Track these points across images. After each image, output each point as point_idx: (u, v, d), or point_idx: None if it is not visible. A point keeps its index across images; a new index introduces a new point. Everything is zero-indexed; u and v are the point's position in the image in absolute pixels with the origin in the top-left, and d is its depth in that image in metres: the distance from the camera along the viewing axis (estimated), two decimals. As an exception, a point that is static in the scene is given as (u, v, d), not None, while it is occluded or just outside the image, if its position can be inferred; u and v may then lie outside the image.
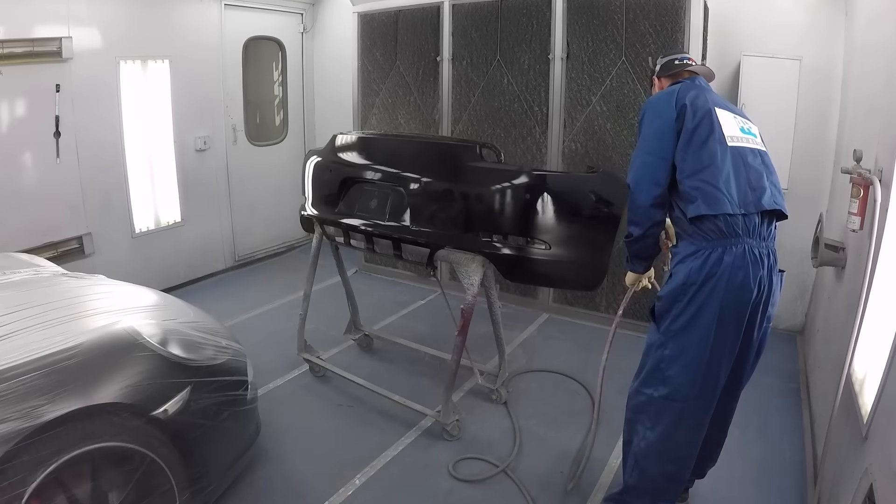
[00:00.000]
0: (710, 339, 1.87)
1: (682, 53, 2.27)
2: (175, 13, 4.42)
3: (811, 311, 3.74)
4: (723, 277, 1.83)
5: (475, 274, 2.61)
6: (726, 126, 1.94)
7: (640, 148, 2.03)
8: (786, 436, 2.83)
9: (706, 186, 1.86)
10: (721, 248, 1.84)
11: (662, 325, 1.96)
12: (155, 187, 4.50)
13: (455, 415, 2.81)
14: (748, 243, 1.85)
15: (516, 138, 4.15)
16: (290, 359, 3.44)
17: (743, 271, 1.82)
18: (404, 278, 4.95)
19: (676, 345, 1.92)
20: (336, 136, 3.23)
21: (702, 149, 1.90)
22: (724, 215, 1.83)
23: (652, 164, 1.97)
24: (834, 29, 3.53)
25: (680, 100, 1.97)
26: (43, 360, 1.74)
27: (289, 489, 2.46)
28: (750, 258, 1.83)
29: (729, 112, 2.00)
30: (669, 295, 1.92)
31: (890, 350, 1.58)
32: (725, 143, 1.91)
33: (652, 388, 2.00)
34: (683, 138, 1.93)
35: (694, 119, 1.93)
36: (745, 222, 1.85)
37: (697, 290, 1.86)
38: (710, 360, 1.89)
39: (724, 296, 1.83)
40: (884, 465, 1.45)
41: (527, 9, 3.96)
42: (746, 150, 1.94)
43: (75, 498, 1.74)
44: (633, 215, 2.03)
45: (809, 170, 3.65)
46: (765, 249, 1.87)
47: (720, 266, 1.83)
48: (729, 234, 1.84)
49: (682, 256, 1.93)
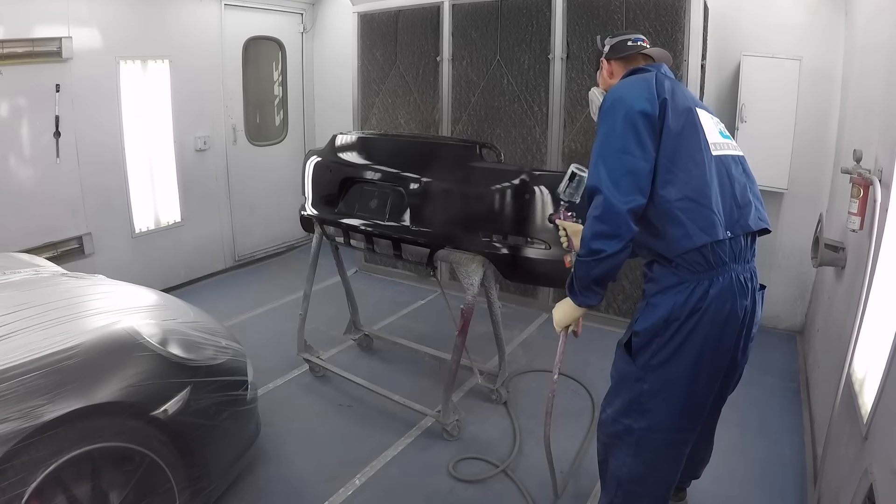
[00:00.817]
0: (693, 374, 1.70)
1: (634, 34, 1.96)
2: (175, 13, 4.42)
3: (811, 311, 3.74)
4: (708, 311, 1.64)
5: (475, 274, 2.61)
6: (708, 130, 1.71)
7: (613, 146, 1.66)
8: (786, 436, 2.83)
9: (696, 206, 1.63)
10: (707, 281, 1.64)
11: (640, 360, 1.75)
12: (155, 187, 4.50)
13: (455, 415, 2.81)
14: (735, 270, 1.66)
15: (516, 138, 4.15)
16: (290, 359, 3.44)
17: (730, 303, 1.65)
18: (404, 278, 4.95)
19: (656, 379, 1.73)
20: (336, 136, 3.23)
21: (691, 158, 1.66)
22: (712, 243, 1.63)
23: (635, 166, 1.63)
24: (834, 29, 3.53)
25: (660, 93, 1.68)
26: (43, 360, 1.73)
27: (289, 489, 2.46)
28: (737, 287, 1.66)
29: (705, 112, 1.77)
30: (649, 330, 1.71)
31: (890, 350, 1.58)
32: (710, 151, 1.68)
33: (631, 419, 1.81)
34: (667, 143, 1.66)
35: (677, 119, 1.67)
36: (732, 247, 1.66)
37: (680, 325, 1.66)
38: (693, 394, 1.74)
39: (709, 330, 1.66)
40: (884, 465, 1.45)
41: (527, 9, 3.96)
42: (729, 159, 1.73)
43: (75, 498, 1.74)
44: (606, 226, 1.63)
45: (809, 170, 3.65)
46: (748, 273, 1.70)
47: (706, 300, 1.64)
48: (716, 263, 1.64)
49: (661, 287, 1.70)
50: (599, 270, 1.69)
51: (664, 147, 1.66)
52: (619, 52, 1.92)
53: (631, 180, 1.63)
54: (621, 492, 1.91)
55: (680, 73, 3.48)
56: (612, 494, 1.94)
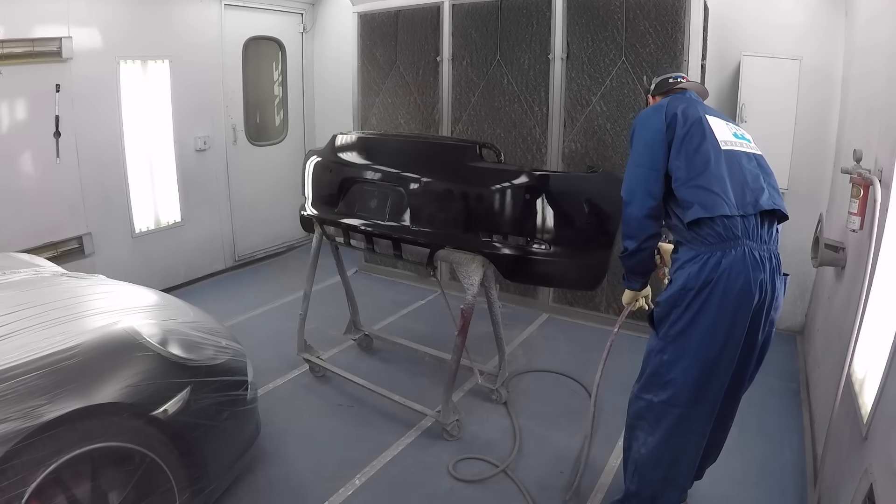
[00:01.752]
0: (709, 344, 1.84)
1: (676, 73, 2.30)
2: (175, 13, 4.42)
3: (811, 311, 3.74)
4: (721, 281, 1.79)
5: (475, 274, 2.61)
6: (719, 131, 1.94)
7: (632, 160, 2.02)
8: (786, 436, 2.83)
9: (701, 191, 1.85)
10: (720, 252, 1.81)
11: (661, 331, 1.94)
12: (155, 187, 4.50)
13: (455, 415, 2.81)
14: (748, 245, 1.81)
15: (516, 138, 4.15)
16: (290, 359, 3.44)
17: (743, 275, 1.79)
18: (404, 278, 4.95)
19: (675, 349, 1.90)
20: (336, 136, 3.23)
21: (695, 154, 1.89)
22: (721, 217, 1.81)
23: (644, 176, 1.96)
24: (834, 29, 3.53)
25: (670, 111, 1.97)
26: (43, 360, 1.74)
27: (289, 489, 2.46)
28: (750, 261, 1.79)
29: (721, 119, 2.01)
30: (668, 300, 1.90)
31: (890, 350, 1.58)
32: (719, 147, 1.90)
33: (651, 393, 1.97)
34: (675, 146, 1.93)
35: (684, 126, 1.93)
36: (745, 224, 1.82)
37: (696, 294, 1.83)
38: (709, 365, 1.86)
39: (723, 300, 1.80)
40: (884, 465, 1.45)
41: (527, 9, 3.96)
42: (741, 154, 1.93)
43: (75, 498, 1.74)
44: (627, 228, 2.00)
45: (809, 170, 3.65)
46: (766, 252, 1.83)
47: (718, 270, 1.80)
48: (727, 237, 1.81)
49: (681, 262, 1.90)
50: (630, 263, 2.07)
51: (675, 150, 1.93)
52: (661, 88, 2.25)
53: (643, 189, 1.95)
54: (636, 477, 2.02)
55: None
56: (629, 481, 2.08)
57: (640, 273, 2.11)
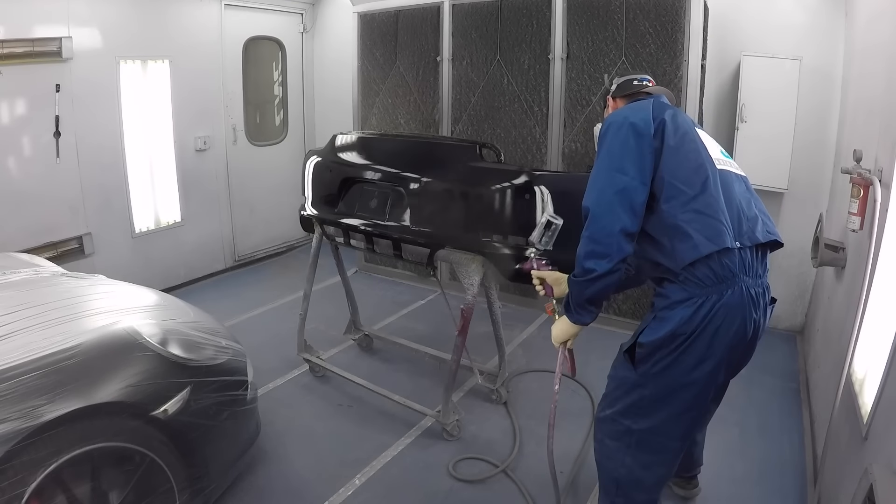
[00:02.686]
0: (696, 386, 1.71)
1: (641, 74, 2.06)
2: (175, 13, 4.42)
3: (811, 311, 3.74)
4: (712, 326, 1.62)
5: (475, 274, 2.61)
6: (710, 147, 1.74)
7: (609, 166, 1.69)
8: (786, 436, 2.83)
9: (703, 218, 1.61)
10: (716, 295, 1.62)
11: (640, 369, 1.75)
12: (155, 187, 4.50)
13: (455, 415, 2.81)
14: (745, 283, 1.63)
15: (516, 138, 4.15)
16: (290, 359, 3.44)
17: (739, 318, 1.63)
18: (404, 278, 4.95)
19: (658, 386, 1.73)
20: (336, 136, 3.23)
21: (690, 168, 1.66)
22: (718, 253, 1.60)
23: (627, 185, 1.64)
24: (834, 29, 3.53)
25: (657, 115, 1.71)
26: (43, 360, 1.73)
27: (289, 489, 2.46)
28: (748, 300, 1.64)
29: (705, 133, 1.82)
30: (654, 343, 1.69)
31: (890, 350, 1.58)
32: (714, 164, 1.70)
33: (631, 420, 1.81)
34: (668, 159, 1.67)
35: (676, 135, 1.68)
36: (742, 258, 1.63)
37: (686, 339, 1.64)
38: (693, 400, 1.74)
39: (714, 342, 1.64)
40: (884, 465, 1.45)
41: (527, 9, 3.96)
42: (731, 175, 1.74)
43: (75, 498, 1.74)
44: (597, 246, 1.66)
45: (809, 170, 3.65)
46: (760, 288, 1.68)
47: (714, 315, 1.61)
48: (724, 277, 1.61)
49: (670, 302, 1.66)
50: (592, 290, 1.71)
51: (665, 163, 1.67)
52: (624, 90, 2.00)
53: (623, 200, 1.64)
54: (622, 493, 1.91)
55: (680, 74, 3.49)
56: (612, 495, 1.94)
57: (598, 302, 1.78)
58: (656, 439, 1.79)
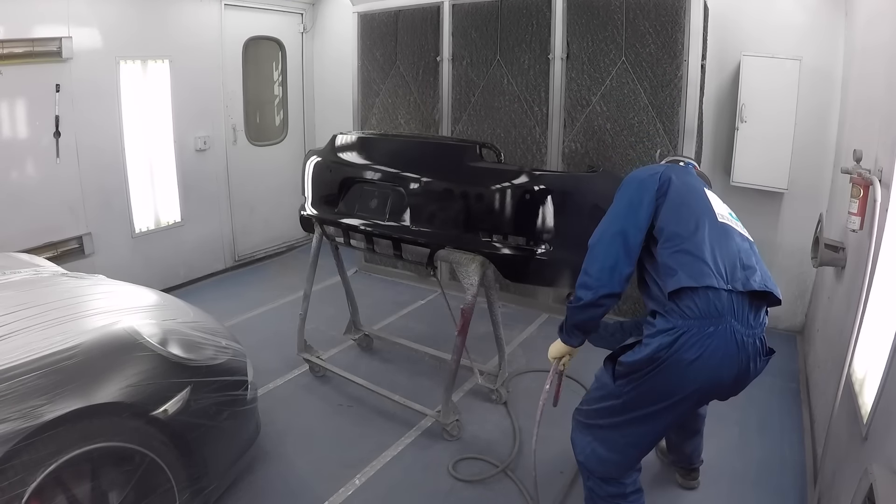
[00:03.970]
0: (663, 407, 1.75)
1: (689, 158, 2.25)
2: (175, 13, 4.42)
3: (811, 311, 3.74)
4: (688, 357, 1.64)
5: (475, 274, 2.61)
6: (716, 205, 1.84)
7: (614, 213, 1.87)
8: (786, 436, 2.83)
9: (688, 257, 1.68)
10: (697, 328, 1.63)
11: (618, 383, 1.81)
12: (155, 187, 4.50)
13: (455, 415, 2.81)
14: (732, 326, 1.64)
15: (516, 138, 4.15)
16: (290, 359, 3.44)
17: (717, 358, 1.64)
18: (404, 278, 4.95)
19: (629, 401, 1.80)
20: (336, 136, 3.23)
21: (688, 217, 1.76)
22: (705, 289, 1.63)
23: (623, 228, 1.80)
24: (834, 29, 3.53)
25: (665, 175, 1.85)
26: (43, 360, 1.73)
27: (289, 489, 2.46)
28: (731, 344, 1.64)
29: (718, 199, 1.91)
30: (632, 365, 1.74)
31: (890, 350, 1.58)
32: (715, 217, 1.78)
33: (602, 418, 1.91)
34: (666, 207, 1.79)
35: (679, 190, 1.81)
36: (731, 301, 1.64)
37: (659, 365, 1.68)
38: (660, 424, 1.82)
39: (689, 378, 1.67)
40: (884, 465, 1.45)
41: (527, 9, 3.95)
42: (735, 231, 1.80)
43: (75, 498, 1.74)
44: (588, 278, 1.81)
45: (809, 170, 3.65)
46: (750, 337, 1.66)
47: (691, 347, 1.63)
48: (710, 313, 1.63)
49: (656, 330, 1.71)
50: (579, 317, 1.89)
51: (665, 213, 1.80)
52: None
53: (619, 241, 1.80)
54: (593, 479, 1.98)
55: (680, 74, 3.49)
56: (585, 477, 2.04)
57: (584, 330, 1.95)
58: (618, 441, 1.88)
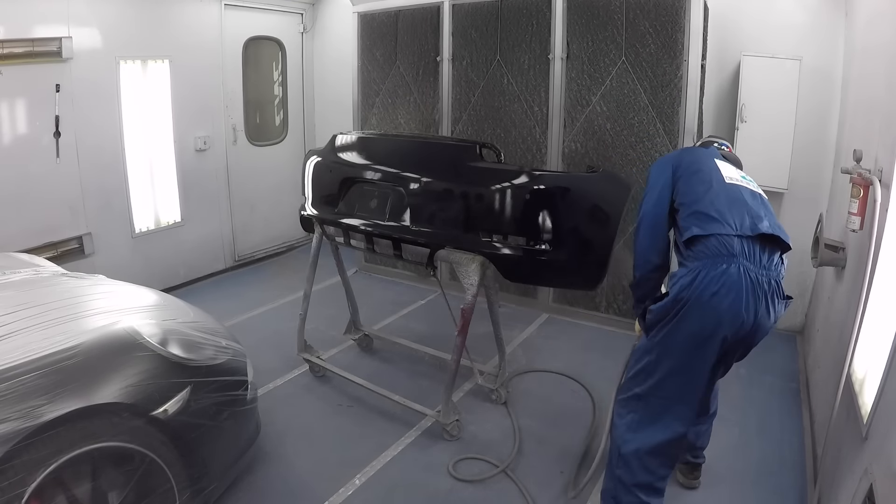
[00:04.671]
0: (693, 350, 1.91)
1: (721, 139, 2.43)
2: (175, 13, 4.42)
3: (811, 311, 3.74)
4: (707, 292, 1.85)
5: (475, 274, 2.61)
6: (725, 170, 2.08)
7: (646, 198, 2.15)
8: (786, 436, 2.83)
9: (699, 214, 1.96)
10: (710, 266, 1.87)
11: (651, 335, 2.02)
12: (155, 187, 4.50)
13: (455, 415, 2.80)
14: (744, 265, 1.86)
15: (516, 138, 4.15)
16: (290, 359, 3.44)
17: (734, 292, 1.84)
18: (404, 278, 4.95)
19: (662, 351, 1.98)
20: (336, 136, 3.23)
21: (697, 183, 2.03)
22: (716, 235, 1.89)
23: (648, 211, 2.10)
24: (834, 29, 3.53)
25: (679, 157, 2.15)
26: (43, 360, 1.73)
27: (289, 489, 2.46)
28: (745, 280, 1.84)
29: (731, 165, 2.14)
30: (660, 309, 1.97)
31: (890, 350, 1.58)
32: (723, 180, 2.03)
33: (638, 386, 2.06)
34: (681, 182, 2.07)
35: (689, 166, 2.09)
36: (742, 244, 1.88)
37: (684, 304, 1.89)
38: (693, 368, 1.94)
39: (709, 312, 1.86)
40: (884, 465, 1.45)
41: (527, 9, 3.96)
42: (744, 188, 2.04)
43: (75, 498, 1.74)
44: (636, 260, 2.15)
45: (809, 170, 3.65)
46: (764, 276, 1.88)
47: (708, 281, 1.85)
48: (721, 252, 1.87)
49: (677, 278, 1.97)
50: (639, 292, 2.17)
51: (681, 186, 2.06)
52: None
53: (648, 224, 2.10)
54: (622, 462, 2.06)
55: (680, 74, 3.49)
56: (614, 466, 2.11)
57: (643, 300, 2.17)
58: (656, 400, 2.01)
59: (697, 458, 2.43)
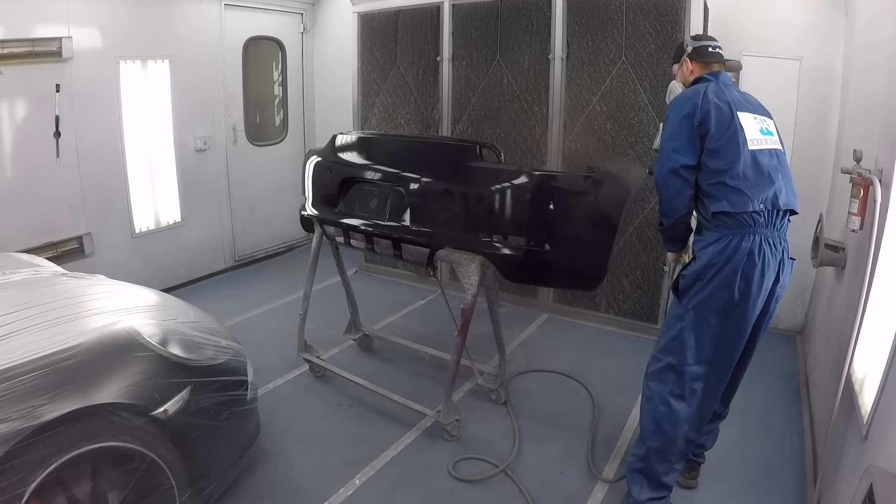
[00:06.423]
0: (726, 314, 2.02)
1: (712, 41, 2.33)
2: (175, 13, 4.42)
3: (811, 311, 3.74)
4: (741, 260, 1.98)
5: (475, 274, 2.61)
6: (748, 129, 2.07)
7: (667, 146, 2.13)
8: (786, 436, 2.83)
9: (730, 190, 2.01)
10: (740, 236, 2.00)
11: (684, 300, 2.11)
12: (155, 187, 4.50)
13: (455, 415, 2.80)
14: (764, 234, 2.00)
15: (516, 138, 4.15)
16: (290, 359, 3.44)
17: (761, 257, 1.99)
18: (404, 278, 4.95)
19: (696, 316, 2.07)
20: (336, 136, 3.23)
21: (726, 153, 2.04)
22: (744, 213, 1.99)
23: (677, 163, 2.09)
24: (834, 29, 3.53)
25: (704, 105, 2.07)
26: (43, 360, 1.73)
27: (289, 489, 2.46)
28: (767, 246, 1.99)
29: (749, 113, 2.11)
30: (693, 274, 2.08)
31: (890, 350, 1.58)
32: (748, 147, 2.05)
33: (672, 356, 2.13)
34: (708, 142, 2.07)
35: (718, 125, 2.05)
36: (766, 217, 2.00)
37: (718, 270, 2.01)
38: (725, 333, 2.04)
39: (741, 276, 1.98)
40: (884, 465, 1.45)
41: (527, 9, 3.95)
42: (763, 152, 2.07)
43: (75, 498, 1.74)
44: (662, 206, 2.20)
45: (809, 170, 3.64)
46: (778, 239, 2.03)
47: (739, 250, 1.99)
48: (747, 224, 2.00)
49: (706, 242, 2.07)
50: (668, 235, 2.29)
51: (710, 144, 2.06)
52: (701, 56, 2.30)
53: (674, 175, 2.09)
54: (659, 434, 2.14)
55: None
56: (650, 439, 2.18)
57: (675, 241, 2.32)
58: (689, 368, 2.09)
59: (698, 458, 2.44)
